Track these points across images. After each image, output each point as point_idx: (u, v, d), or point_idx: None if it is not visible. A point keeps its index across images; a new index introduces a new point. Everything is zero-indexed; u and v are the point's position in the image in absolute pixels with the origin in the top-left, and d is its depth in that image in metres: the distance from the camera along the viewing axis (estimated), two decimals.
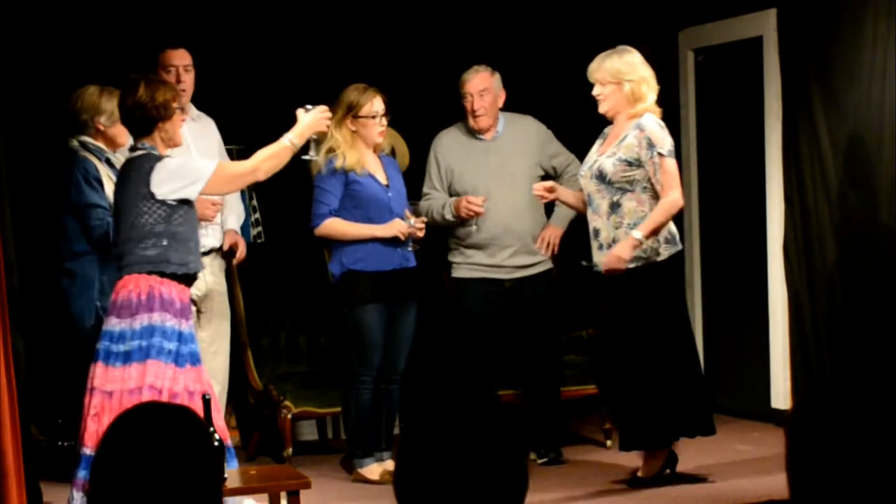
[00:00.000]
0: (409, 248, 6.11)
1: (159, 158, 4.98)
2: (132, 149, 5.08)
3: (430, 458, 2.01)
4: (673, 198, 5.64)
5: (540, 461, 6.38)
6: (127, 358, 4.90)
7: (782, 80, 6.92)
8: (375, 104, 6.01)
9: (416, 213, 6.15)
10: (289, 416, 6.39)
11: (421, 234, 6.06)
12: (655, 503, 5.67)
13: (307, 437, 7.11)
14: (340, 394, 6.32)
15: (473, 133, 6.47)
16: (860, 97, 6.43)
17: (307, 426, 7.09)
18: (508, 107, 6.54)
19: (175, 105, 5.04)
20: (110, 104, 5.53)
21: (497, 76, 6.46)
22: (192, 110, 6.08)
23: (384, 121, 6.06)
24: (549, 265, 6.55)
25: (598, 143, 5.88)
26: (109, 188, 5.53)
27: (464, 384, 2.11)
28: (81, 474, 4.90)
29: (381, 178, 6.08)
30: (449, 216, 6.36)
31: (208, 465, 2.13)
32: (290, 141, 5.12)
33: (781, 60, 6.92)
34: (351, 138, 6.02)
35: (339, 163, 5.94)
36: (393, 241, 6.05)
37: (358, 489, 6.06)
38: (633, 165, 5.65)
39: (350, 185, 6.01)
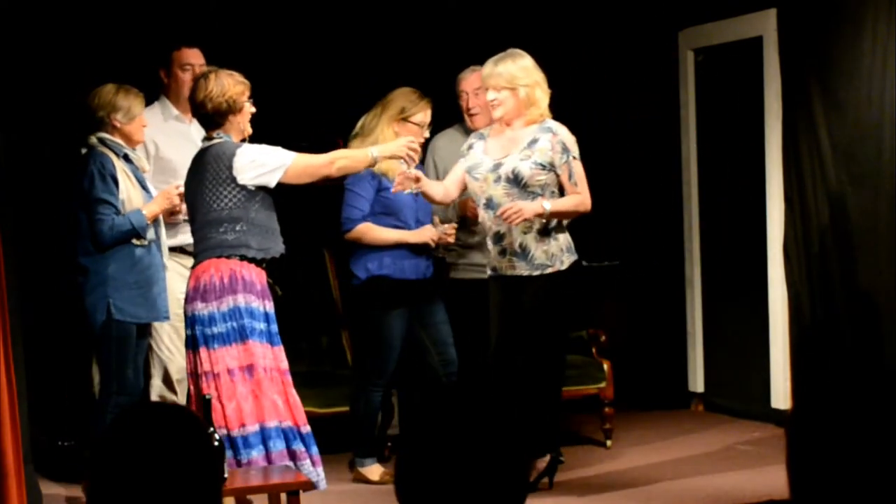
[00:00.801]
0: (439, 254, 6.16)
1: (239, 145, 5.15)
2: (206, 138, 5.23)
3: (431, 459, 2.01)
4: (586, 199, 5.65)
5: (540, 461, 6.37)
6: (224, 339, 5.05)
7: (782, 80, 6.92)
8: (427, 114, 6.04)
9: (445, 219, 6.14)
10: None
11: (451, 239, 6.08)
12: (655, 503, 5.68)
13: None
14: (347, 394, 6.32)
15: (470, 133, 6.47)
16: (860, 97, 6.43)
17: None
18: None
19: (244, 98, 5.19)
20: (126, 101, 5.58)
21: None
22: None
23: (427, 132, 6.07)
24: None
25: (478, 145, 5.74)
26: (125, 184, 5.56)
27: (464, 385, 2.12)
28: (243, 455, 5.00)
29: None
30: (453, 218, 6.36)
31: (208, 465, 2.13)
32: (371, 152, 5.31)
33: (781, 60, 6.92)
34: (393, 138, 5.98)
35: (376, 166, 5.87)
36: (421, 249, 6.07)
37: (358, 489, 6.06)
38: (546, 169, 5.59)
39: (381, 192, 6.02)
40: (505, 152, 5.66)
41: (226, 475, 4.53)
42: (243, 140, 5.27)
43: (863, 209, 6.45)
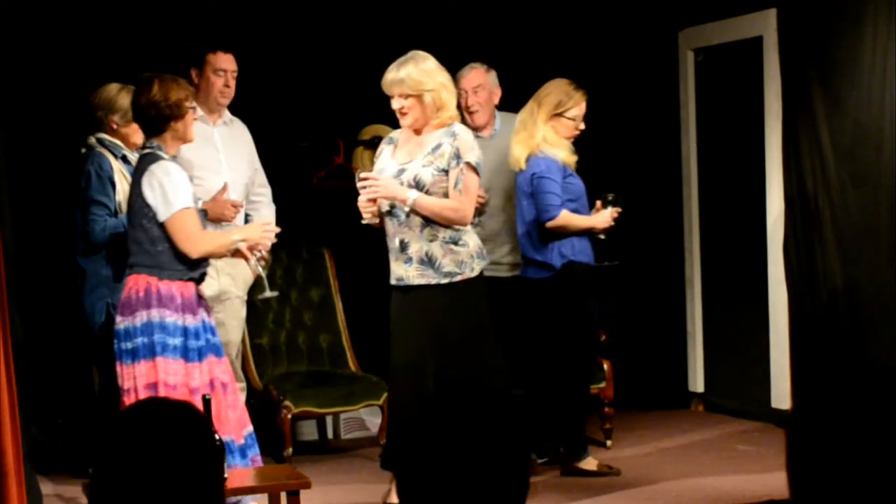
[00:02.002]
0: (602, 237, 6.15)
1: (157, 160, 5.00)
2: (142, 147, 5.12)
3: (432, 459, 2.01)
4: (466, 208, 5.35)
5: (540, 461, 6.38)
6: (135, 355, 4.97)
7: (782, 80, 6.92)
8: (583, 107, 6.08)
9: (608, 204, 6.15)
10: (289, 416, 6.39)
11: (612, 224, 6.09)
12: (655, 503, 5.68)
13: (307, 437, 7.10)
14: (346, 394, 6.29)
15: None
16: (860, 97, 6.43)
17: (307, 426, 7.09)
18: (510, 106, 6.55)
19: (188, 104, 5.08)
20: (127, 102, 5.56)
21: (492, 73, 6.46)
22: (226, 114, 6.11)
23: (581, 125, 6.09)
24: None
25: (387, 150, 5.53)
26: (123, 186, 5.56)
27: (464, 384, 2.11)
28: None
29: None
30: None
31: (210, 464, 2.13)
32: (233, 238, 5.09)
33: (781, 60, 6.92)
34: (554, 134, 6.09)
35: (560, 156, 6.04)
36: (584, 238, 6.11)
37: (358, 489, 6.05)
38: (448, 174, 5.36)
39: (566, 178, 6.10)
40: (410, 157, 5.44)
41: (226, 475, 4.54)
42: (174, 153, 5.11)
43: (863, 209, 6.45)
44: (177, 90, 5.06)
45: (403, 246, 5.39)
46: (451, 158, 5.37)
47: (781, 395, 6.99)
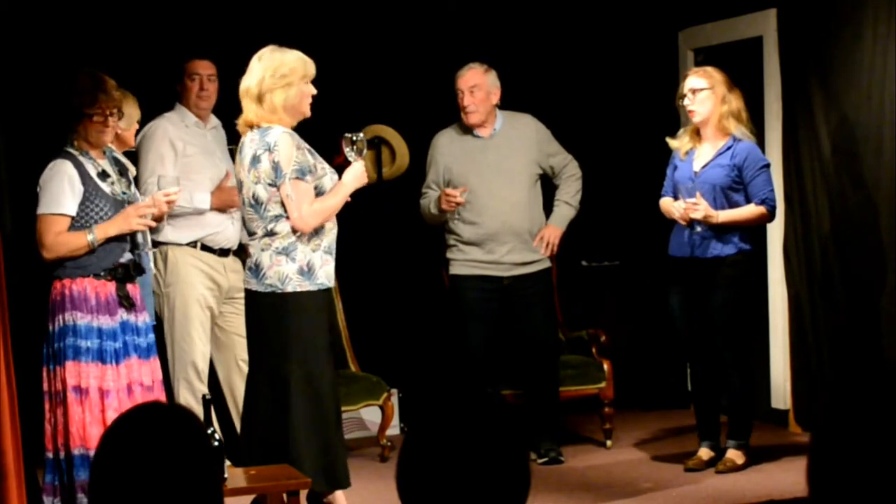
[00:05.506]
0: (697, 230, 6.06)
1: (55, 158, 5.00)
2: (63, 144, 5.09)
3: (432, 458, 2.01)
4: (299, 219, 5.00)
5: (540, 461, 6.38)
6: (50, 360, 4.97)
7: (782, 80, 6.92)
8: (685, 83, 6.14)
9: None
10: None
11: (694, 211, 5.97)
12: (656, 503, 5.68)
13: None
14: (346, 393, 6.28)
15: (471, 131, 6.48)
16: (860, 97, 6.43)
17: None
18: (509, 106, 6.56)
19: (89, 110, 4.98)
20: (126, 108, 5.54)
21: (492, 73, 6.45)
22: (213, 119, 6.21)
23: (695, 97, 6.10)
24: (547, 264, 6.56)
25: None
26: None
27: (465, 383, 2.11)
28: (48, 478, 5.00)
29: (699, 164, 6.14)
30: (434, 210, 6.39)
31: (208, 466, 2.13)
32: (90, 239, 4.97)
33: (781, 60, 6.92)
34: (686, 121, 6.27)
35: (672, 146, 6.26)
36: (682, 228, 6.13)
37: (358, 489, 6.04)
38: (274, 187, 5.03)
39: (675, 169, 6.25)
40: (243, 168, 5.15)
41: (226, 475, 4.53)
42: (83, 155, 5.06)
43: (863, 209, 6.45)
44: (82, 93, 4.98)
45: (247, 256, 5.34)
46: (273, 173, 5.02)
47: (781, 395, 6.98)
